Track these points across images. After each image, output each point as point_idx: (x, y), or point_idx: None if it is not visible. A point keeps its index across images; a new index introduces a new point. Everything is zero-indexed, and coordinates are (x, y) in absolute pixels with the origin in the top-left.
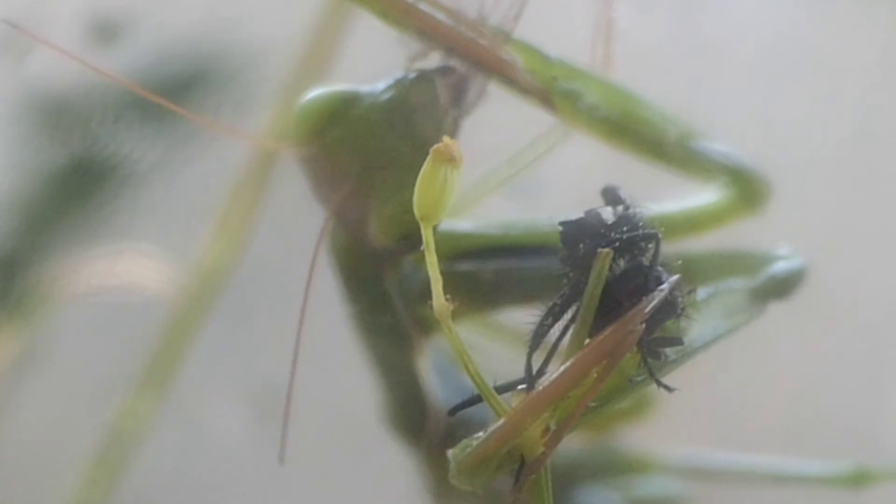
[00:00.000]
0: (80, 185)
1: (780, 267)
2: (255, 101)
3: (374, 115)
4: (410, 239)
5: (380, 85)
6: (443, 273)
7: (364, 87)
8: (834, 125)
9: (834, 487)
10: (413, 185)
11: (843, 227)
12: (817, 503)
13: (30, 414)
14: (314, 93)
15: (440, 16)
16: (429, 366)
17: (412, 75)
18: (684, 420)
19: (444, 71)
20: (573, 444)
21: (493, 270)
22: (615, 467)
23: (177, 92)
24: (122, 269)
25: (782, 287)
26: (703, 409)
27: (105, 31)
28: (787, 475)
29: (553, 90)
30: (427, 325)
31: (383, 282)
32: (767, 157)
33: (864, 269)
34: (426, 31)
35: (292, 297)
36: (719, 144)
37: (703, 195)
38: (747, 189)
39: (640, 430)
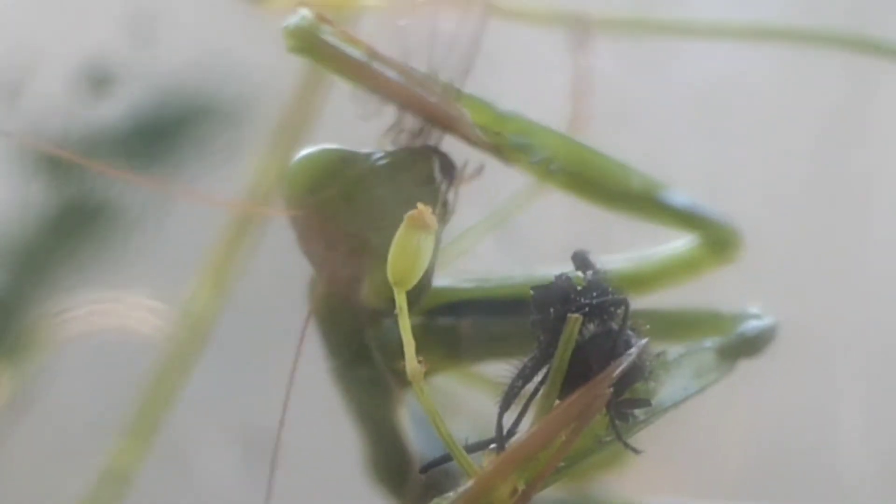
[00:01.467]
0: (71, 229)
1: (750, 326)
2: (243, 150)
3: (371, 178)
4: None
5: (377, 152)
6: (419, 327)
7: (359, 150)
8: (794, 175)
9: None
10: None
11: (805, 277)
12: None
13: (20, 456)
14: (309, 150)
15: (391, 73)
16: (408, 417)
17: (411, 149)
18: (661, 469)
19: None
20: (551, 493)
21: (470, 324)
22: None
23: (165, 140)
24: (114, 313)
25: (753, 345)
26: (678, 459)
27: (94, 81)
28: None
29: (503, 144)
30: (406, 378)
31: (363, 337)
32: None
33: (823, 318)
34: (377, 88)
35: (279, 342)
36: (685, 195)
37: (673, 246)
38: (717, 239)
39: (617, 479)
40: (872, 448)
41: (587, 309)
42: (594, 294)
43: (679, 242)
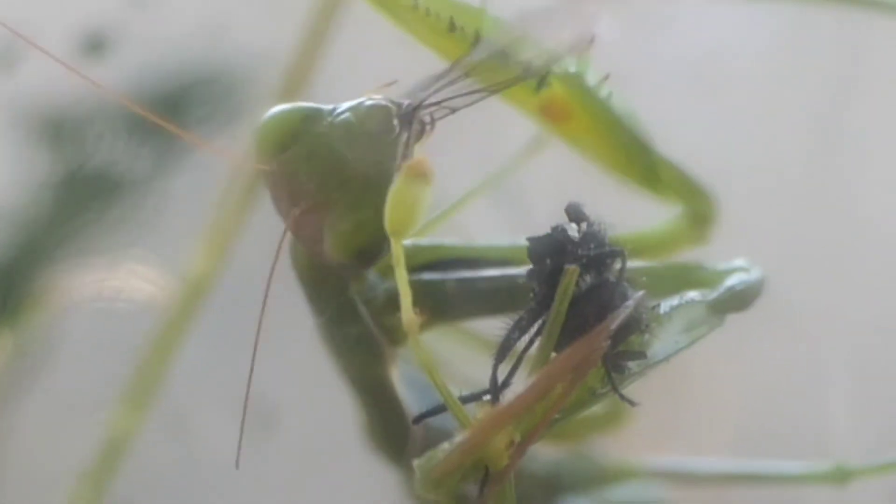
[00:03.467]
0: (73, 196)
1: (738, 279)
2: (245, 112)
3: (331, 135)
4: (364, 255)
5: (340, 106)
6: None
7: (326, 107)
8: (790, 137)
9: (815, 485)
10: (367, 204)
11: (798, 237)
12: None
13: (22, 420)
14: (276, 109)
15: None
16: (400, 377)
17: (369, 101)
18: (655, 428)
19: (401, 102)
20: (549, 454)
21: (455, 281)
22: (592, 476)
23: (166, 103)
24: (115, 278)
25: (741, 299)
26: (671, 418)
27: (95, 45)
28: (768, 475)
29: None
30: (395, 335)
31: (347, 292)
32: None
33: (819, 280)
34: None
35: (280, 306)
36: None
37: (656, 222)
38: (699, 214)
39: (614, 439)
40: (861, 406)
41: (584, 260)
42: (591, 245)
43: (661, 219)
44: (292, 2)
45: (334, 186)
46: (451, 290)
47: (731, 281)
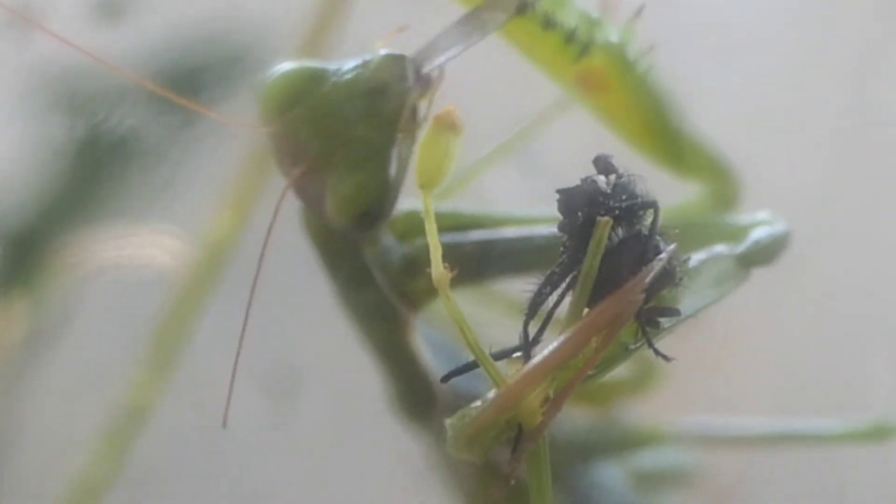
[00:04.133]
0: (90, 164)
1: (763, 232)
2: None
3: (335, 95)
4: (365, 218)
5: (346, 64)
6: (422, 246)
7: (332, 65)
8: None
9: (854, 443)
10: (368, 166)
11: (827, 198)
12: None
13: (41, 388)
14: (280, 69)
15: None
16: (421, 342)
17: (379, 56)
18: (685, 390)
19: (411, 57)
20: (579, 419)
21: (475, 242)
22: (623, 441)
23: (181, 72)
24: (133, 246)
25: (767, 253)
26: (701, 379)
27: (109, 11)
28: (805, 435)
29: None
30: (413, 300)
31: (361, 257)
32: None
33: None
34: None
35: (300, 274)
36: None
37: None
38: (721, 188)
39: (644, 403)
40: None
41: (616, 212)
42: (622, 197)
43: (685, 196)
44: None
45: (335, 148)
46: (470, 251)
47: (757, 234)
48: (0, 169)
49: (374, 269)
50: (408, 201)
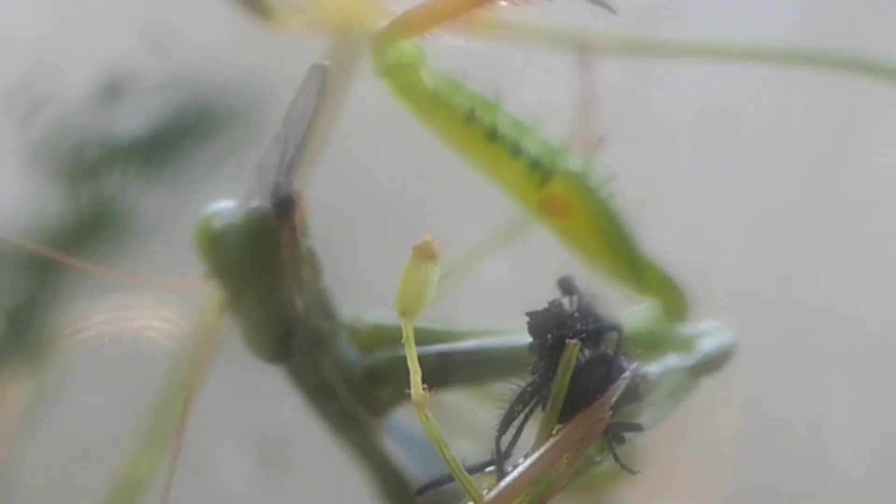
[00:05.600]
0: (89, 235)
1: (711, 342)
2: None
3: (225, 246)
4: (276, 353)
5: (235, 211)
6: (385, 360)
7: (235, 210)
8: (789, 190)
9: None
10: (263, 305)
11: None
12: None
13: (39, 459)
14: (202, 215)
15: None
16: (393, 441)
17: (246, 209)
18: (666, 476)
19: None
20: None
21: (435, 355)
22: None
23: (182, 147)
24: (129, 319)
25: (715, 362)
26: (681, 464)
27: (114, 88)
28: None
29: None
30: (377, 408)
31: (320, 371)
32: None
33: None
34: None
35: None
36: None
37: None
38: (675, 306)
39: (625, 489)
40: (863, 445)
41: (584, 335)
42: (588, 319)
43: (640, 308)
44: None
45: (235, 292)
46: (430, 364)
47: (705, 344)
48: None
49: (334, 381)
50: (372, 313)
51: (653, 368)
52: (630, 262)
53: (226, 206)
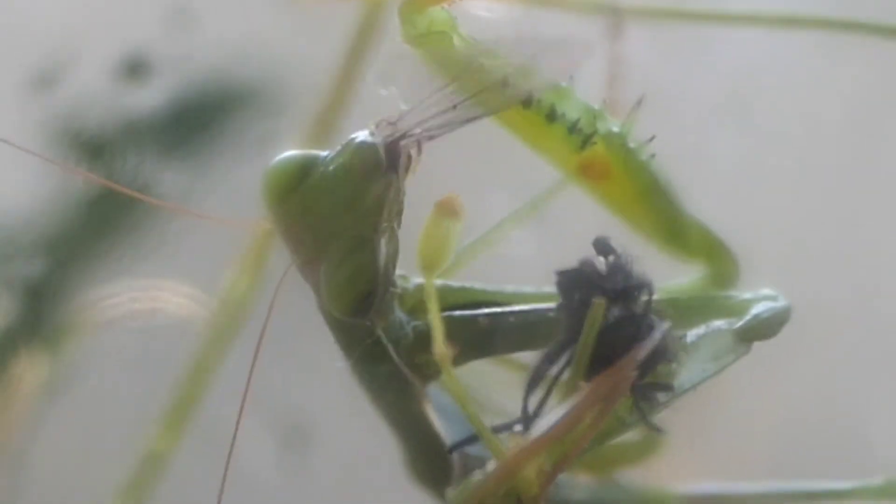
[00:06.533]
0: (109, 217)
1: (764, 308)
2: (280, 138)
3: (317, 189)
4: (358, 308)
5: (330, 153)
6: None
7: (322, 154)
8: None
9: (866, 501)
10: (355, 257)
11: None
12: None
13: (58, 440)
14: (276, 159)
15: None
16: (434, 406)
17: (354, 142)
18: (691, 456)
19: (385, 137)
20: (586, 482)
21: (486, 317)
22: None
23: (203, 125)
24: (150, 298)
25: (767, 326)
26: (706, 445)
27: (135, 69)
28: (816, 493)
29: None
30: (425, 373)
31: (374, 333)
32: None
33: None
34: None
35: (315, 329)
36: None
37: (674, 279)
38: (723, 273)
39: (650, 468)
40: None
41: (611, 293)
42: (618, 278)
43: (685, 276)
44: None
45: (323, 241)
46: (482, 327)
47: (757, 309)
48: (19, 219)
49: (387, 345)
50: (418, 276)
51: (695, 331)
52: (674, 225)
53: (301, 153)
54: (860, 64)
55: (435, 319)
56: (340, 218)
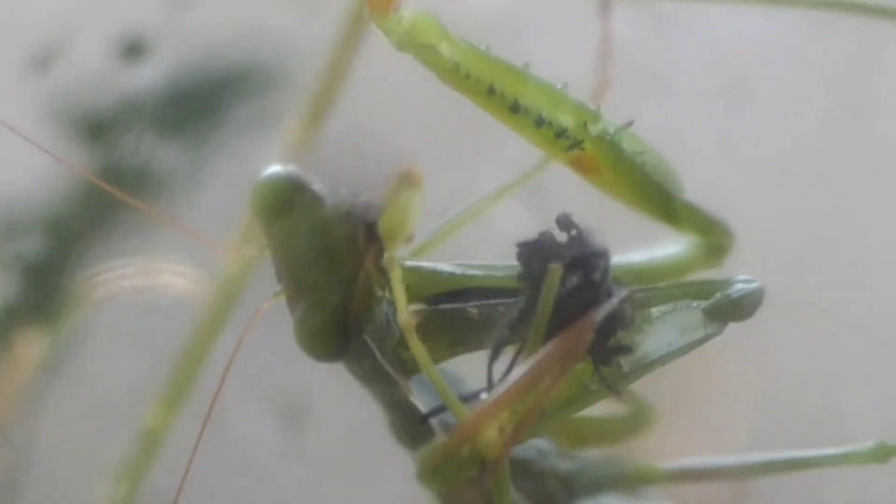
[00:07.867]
0: (108, 195)
1: (737, 288)
2: (277, 116)
3: (313, 224)
4: (324, 354)
5: (329, 195)
6: (425, 314)
7: (313, 183)
8: (807, 140)
9: (857, 465)
10: (325, 309)
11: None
12: None
13: (58, 415)
14: (269, 173)
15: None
16: (421, 385)
17: (352, 205)
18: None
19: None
20: (576, 458)
21: (477, 309)
22: (616, 478)
23: (201, 104)
24: (149, 274)
25: (739, 307)
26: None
27: (133, 48)
28: (807, 460)
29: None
30: (411, 366)
31: (361, 335)
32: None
33: (831, 279)
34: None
35: None
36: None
37: (668, 246)
38: (715, 244)
39: (641, 443)
40: (877, 398)
41: (569, 260)
42: (575, 247)
43: (677, 244)
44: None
45: (300, 282)
46: (471, 319)
47: (729, 290)
48: (21, 198)
49: (371, 341)
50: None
51: (662, 307)
52: (666, 209)
53: (297, 171)
54: (849, 43)
55: (397, 288)
56: (314, 264)
